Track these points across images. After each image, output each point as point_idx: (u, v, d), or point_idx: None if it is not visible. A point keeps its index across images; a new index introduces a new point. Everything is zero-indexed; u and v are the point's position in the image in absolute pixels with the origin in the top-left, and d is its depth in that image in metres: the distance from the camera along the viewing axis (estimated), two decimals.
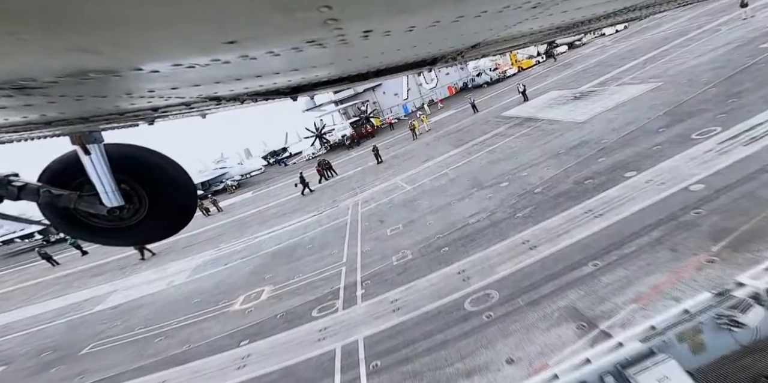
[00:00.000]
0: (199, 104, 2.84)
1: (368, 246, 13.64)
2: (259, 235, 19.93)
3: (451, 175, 18.15)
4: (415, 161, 24.09)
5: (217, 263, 17.51)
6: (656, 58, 24.37)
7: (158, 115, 2.86)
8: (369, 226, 15.67)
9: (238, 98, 3.04)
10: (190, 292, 15.02)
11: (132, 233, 3.71)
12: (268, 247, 17.51)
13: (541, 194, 12.08)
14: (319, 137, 46.37)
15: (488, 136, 22.95)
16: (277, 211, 24.00)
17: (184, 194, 3.91)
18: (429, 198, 16.15)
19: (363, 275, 11.66)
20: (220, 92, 2.39)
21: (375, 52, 2.15)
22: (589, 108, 19.55)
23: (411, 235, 13.16)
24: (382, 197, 18.78)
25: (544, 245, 9.16)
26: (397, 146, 32.13)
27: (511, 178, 14.63)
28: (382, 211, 16.84)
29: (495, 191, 13.97)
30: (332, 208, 20.22)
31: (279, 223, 20.90)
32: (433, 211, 14.55)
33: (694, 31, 27.87)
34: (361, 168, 28.55)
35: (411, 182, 19.44)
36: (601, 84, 23.99)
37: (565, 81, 30.33)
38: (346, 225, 16.74)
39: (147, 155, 3.70)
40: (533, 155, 16.25)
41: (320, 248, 15.23)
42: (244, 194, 35.75)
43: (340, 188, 24.17)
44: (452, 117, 36.23)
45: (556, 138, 17.18)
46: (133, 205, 3.51)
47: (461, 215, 13.04)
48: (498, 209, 12.39)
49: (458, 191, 15.56)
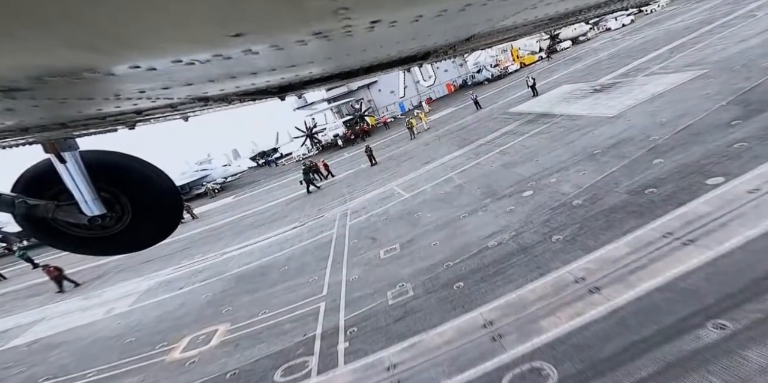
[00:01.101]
0: (185, 106, 2.72)
1: (356, 273, 10.65)
2: (229, 250, 16.87)
3: (457, 180, 15.18)
4: (413, 163, 21.11)
5: (172, 287, 14.44)
6: (685, 47, 21.63)
7: (141, 118, 2.77)
8: (358, 244, 12.67)
9: (227, 98, 2.95)
10: (126, 327, 11.96)
11: (117, 242, 3.61)
12: (236, 267, 14.47)
13: (583, 208, 9.12)
14: (309, 137, 43.27)
15: (497, 134, 20.01)
16: (256, 220, 20.89)
17: (168, 199, 3.83)
18: (432, 210, 13.17)
19: (348, 317, 8.68)
20: (210, 92, 2.35)
21: (374, 45, 2.11)
22: (618, 101, 16.71)
23: (411, 260, 10.18)
24: (376, 207, 15.78)
25: (612, 287, 6.20)
26: (393, 146, 29.14)
27: (536, 185, 11.67)
28: (375, 225, 13.84)
29: (517, 203, 11.01)
30: (316, 219, 17.19)
31: (255, 235, 17.84)
32: (438, 227, 11.56)
33: (721, 19, 25.27)
34: (353, 171, 25.53)
35: (409, 189, 16.45)
36: (623, 75, 21.20)
37: (577, 74, 27.55)
38: (331, 242, 13.72)
39: (127, 162, 3.63)
40: (558, 156, 13.31)
41: (297, 272, 12.21)
42: (225, 199, 32.57)
43: (328, 194, 21.14)
44: (453, 114, 33.29)
45: (583, 136, 14.25)
46: (115, 213, 3.46)
47: (476, 235, 10.07)
48: (525, 227, 9.43)
49: (468, 202, 12.58)
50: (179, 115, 3.46)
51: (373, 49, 2.23)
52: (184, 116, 3.71)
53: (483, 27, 2.55)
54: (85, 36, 0.88)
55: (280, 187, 29.58)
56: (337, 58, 2.28)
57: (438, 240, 10.68)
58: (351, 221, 15.13)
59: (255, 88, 2.64)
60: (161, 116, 3.04)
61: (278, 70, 2.13)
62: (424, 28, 1.83)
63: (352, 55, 2.25)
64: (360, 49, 2.09)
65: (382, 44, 2.15)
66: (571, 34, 47.97)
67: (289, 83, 3.00)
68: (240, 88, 2.48)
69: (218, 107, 3.51)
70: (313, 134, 42.80)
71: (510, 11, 2.13)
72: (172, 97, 2.14)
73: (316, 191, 23.02)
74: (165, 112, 2.82)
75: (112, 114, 2.17)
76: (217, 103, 3.06)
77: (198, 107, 3.08)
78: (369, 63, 3.04)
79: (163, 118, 3.35)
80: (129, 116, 2.48)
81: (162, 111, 2.71)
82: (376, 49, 2.27)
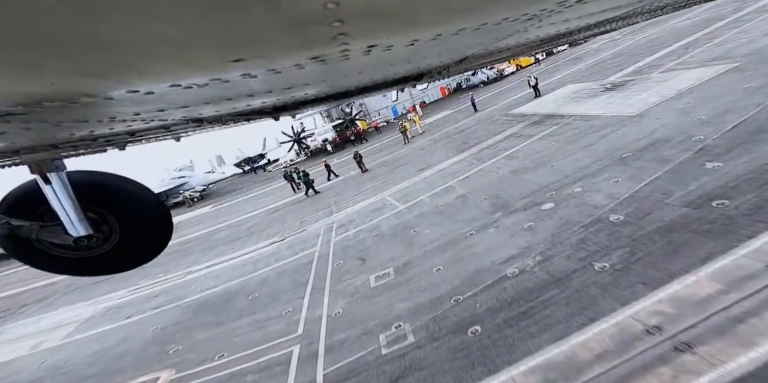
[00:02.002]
0: (178, 127, 2.69)
1: (340, 305, 8.58)
2: (195, 269, 14.67)
3: (459, 190, 13.18)
4: (408, 169, 19.10)
5: (119, 314, 12.24)
6: (700, 42, 19.99)
7: (133, 139, 2.71)
8: (344, 266, 10.59)
9: (221, 119, 2.95)
10: (49, 368, 9.83)
11: (104, 262, 3.56)
12: (199, 291, 12.31)
13: (628, 226, 7.15)
14: (297, 142, 41.10)
15: (501, 137, 18.10)
16: (231, 233, 18.67)
17: (157, 220, 3.80)
18: (431, 225, 11.13)
19: (328, 370, 6.67)
20: (205, 113, 2.35)
21: (370, 68, 2.15)
22: (637, 99, 14.90)
23: (409, 290, 8.14)
24: (365, 220, 13.71)
25: (713, 344, 4.20)
26: (385, 152, 27.14)
27: (556, 196, 9.71)
28: (364, 242, 11.76)
29: (536, 217, 9.03)
30: (298, 233, 15.06)
31: (227, 252, 15.65)
32: (440, 247, 9.53)
33: (732, 15, 23.73)
34: (341, 178, 23.45)
35: (404, 199, 14.42)
36: (635, 73, 19.46)
37: (580, 74, 25.86)
38: (312, 263, 11.62)
39: (114, 181, 3.62)
40: (577, 160, 11.39)
41: (269, 300, 10.10)
42: (203, 209, 30.22)
43: (312, 205, 19.03)
44: (449, 117, 31.43)
45: (603, 138, 12.35)
46: (102, 233, 3.41)
47: (489, 259, 8.06)
48: (554, 250, 7.44)
49: (475, 216, 10.57)
50: (172, 136, 3.40)
51: (369, 71, 2.24)
52: (176, 137, 3.60)
53: (476, 49, 2.54)
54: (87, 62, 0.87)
55: (262, 195, 27.41)
56: (332, 81, 2.26)
57: (441, 265, 8.64)
58: (336, 237, 13.04)
59: (250, 109, 2.64)
60: (154, 136, 2.98)
61: (274, 92, 2.13)
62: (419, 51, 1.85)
63: (348, 77, 2.24)
64: (356, 72, 2.11)
65: (378, 66, 2.16)
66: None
67: (284, 104, 3.00)
68: (235, 109, 2.42)
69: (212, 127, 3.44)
70: (300, 139, 40.62)
71: (502, 34, 2.12)
72: (167, 118, 2.11)
73: (313, 196, 20.95)
74: (158, 133, 2.75)
75: (104, 136, 2.15)
76: (211, 124, 3.03)
77: (191, 128, 2.99)
78: (364, 84, 3.05)
79: (155, 138, 3.27)
80: (121, 138, 2.43)
81: (155, 132, 2.66)
82: (371, 71, 2.27)
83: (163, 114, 1.90)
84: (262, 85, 1.72)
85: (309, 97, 2.93)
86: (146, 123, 2.06)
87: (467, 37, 1.81)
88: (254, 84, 1.61)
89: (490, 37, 2.13)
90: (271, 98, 2.36)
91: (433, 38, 1.55)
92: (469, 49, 2.52)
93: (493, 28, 1.70)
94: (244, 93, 1.87)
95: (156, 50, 0.89)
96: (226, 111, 2.44)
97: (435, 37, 1.55)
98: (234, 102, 2.09)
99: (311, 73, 1.65)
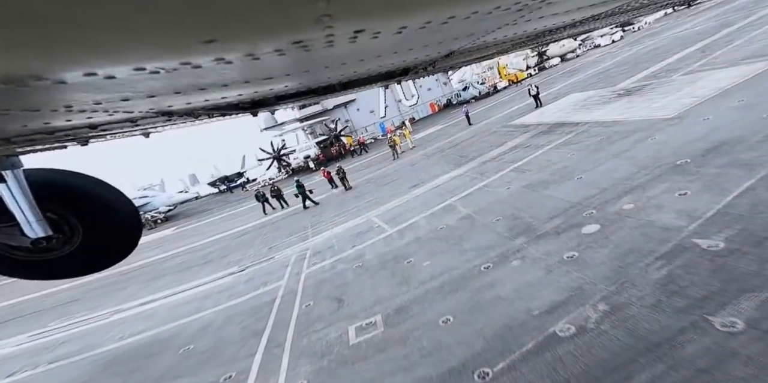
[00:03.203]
0: (146, 120, 2.50)
1: (303, 375, 5.92)
2: (127, 307, 11.72)
3: (462, 209, 10.65)
4: (398, 186, 16.55)
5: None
6: (718, 45, 18.26)
7: (96, 134, 2.51)
8: (314, 310, 7.88)
9: (193, 113, 2.71)
10: None
11: (66, 265, 3.37)
12: (118, 338, 9.49)
13: (743, 257, 4.64)
14: (277, 159, 38.42)
15: (504, 149, 15.77)
16: (185, 261, 15.70)
17: (123, 218, 3.64)
18: (431, 254, 8.54)
19: None
20: (175, 105, 2.16)
21: (354, 59, 2.05)
22: (666, 101, 12.78)
23: (406, 353, 5.50)
24: (346, 247, 11.05)
25: None
26: (373, 168, 24.63)
27: (599, 215, 7.25)
28: (343, 276, 9.08)
29: (579, 245, 6.52)
30: (264, 262, 12.27)
31: (173, 284, 12.71)
32: (445, 286, 6.92)
33: (741, 21, 22.33)
34: (323, 196, 20.77)
35: (394, 222, 11.82)
36: (648, 78, 17.54)
37: (582, 84, 23.99)
38: (274, 303, 8.86)
39: (74, 180, 3.42)
40: (612, 170, 9.01)
41: (205, 358, 7.33)
42: (165, 231, 27.02)
43: (286, 227, 16.27)
44: (442, 132, 29.22)
45: (639, 143, 10.04)
46: (63, 234, 3.23)
47: (522, 307, 5.48)
48: (624, 293, 4.90)
49: (489, 242, 8.02)
50: (139, 130, 3.15)
51: (353, 62, 2.15)
52: (144, 132, 3.32)
53: (464, 42, 2.48)
54: (31, 36, 0.73)
55: (232, 217, 24.56)
56: (315, 72, 2.17)
57: (450, 313, 6.02)
58: (309, 268, 10.32)
59: (225, 102, 2.47)
60: (119, 131, 2.79)
61: (252, 83, 1.97)
62: (407, 41, 1.78)
63: (331, 68, 2.13)
64: (339, 63, 2.00)
65: (363, 57, 2.07)
66: (559, 51, 45.50)
67: (263, 98, 2.88)
68: (209, 101, 2.28)
69: (183, 122, 3.16)
70: (280, 156, 37.92)
71: (492, 26, 2.07)
72: (132, 110, 1.92)
73: (299, 208, 18.13)
74: (123, 127, 2.56)
75: (62, 128, 1.98)
76: (182, 118, 2.79)
77: (161, 122, 2.79)
78: (348, 78, 2.94)
79: (120, 134, 3.05)
80: (82, 131, 2.24)
81: (120, 126, 2.47)
82: (356, 63, 2.20)
83: (128, 104, 1.69)
84: (238, 73, 1.56)
85: (290, 90, 2.73)
86: (109, 115, 1.84)
87: (456, 27, 1.74)
88: (230, 72, 1.45)
89: (479, 29, 2.05)
90: (249, 89, 2.16)
91: (422, 26, 1.48)
92: (457, 42, 2.37)
93: (484, 17, 1.65)
94: (219, 83, 1.69)
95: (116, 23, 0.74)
96: (199, 103, 2.24)
97: (424, 26, 1.48)
98: (207, 93, 1.89)
99: (292, 61, 1.54)
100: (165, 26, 0.83)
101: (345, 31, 1.24)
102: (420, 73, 4.24)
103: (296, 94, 3.08)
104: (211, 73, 1.40)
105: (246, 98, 2.58)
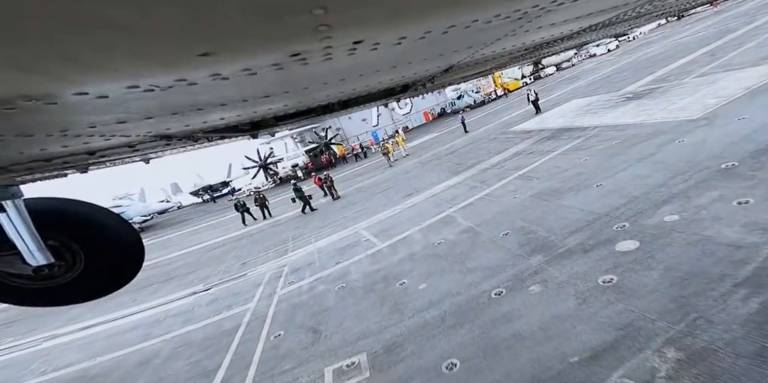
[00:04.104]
0: (145, 145, 2.43)
1: None
2: (64, 332, 10.10)
3: (462, 221, 9.27)
4: (390, 196, 15.14)
5: None
6: (728, 48, 17.37)
7: (95, 160, 2.45)
8: (284, 343, 6.41)
9: (192, 137, 2.65)
10: None
11: (67, 292, 3.35)
12: (39, 373, 7.97)
13: None
14: (264, 168, 36.87)
15: (506, 155, 14.48)
16: (146, 277, 13.84)
17: (125, 243, 3.63)
18: (428, 274, 7.12)
19: None
20: (173, 128, 2.09)
21: (353, 74, 1.99)
22: (685, 102, 11.63)
23: None
24: (329, 263, 9.57)
25: None
26: (365, 176, 23.21)
27: (636, 229, 5.92)
28: (323, 300, 7.61)
29: (615, 265, 5.17)
30: (234, 279, 10.71)
31: (124, 305, 11.00)
32: (447, 316, 5.50)
33: (745, 27, 21.57)
34: (313, 205, 19.24)
35: (385, 234, 10.39)
36: (657, 82, 16.46)
37: (582, 90, 22.96)
38: (236, 333, 7.34)
39: (75, 207, 3.44)
40: (642, 177, 7.73)
41: None
42: None
43: (266, 239, 14.70)
44: (437, 139, 27.98)
45: (666, 146, 8.80)
46: (65, 262, 3.20)
47: (553, 350, 4.08)
48: (700, 334, 3.48)
49: (498, 261, 6.64)
50: (139, 156, 3.10)
51: (353, 78, 2.10)
52: (144, 158, 3.32)
53: (463, 55, 2.42)
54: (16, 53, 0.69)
55: (210, 228, 22.91)
56: (313, 88, 2.07)
57: (457, 356, 4.60)
58: (284, 289, 8.81)
59: (224, 124, 2.40)
60: (118, 157, 2.71)
61: (250, 102, 1.91)
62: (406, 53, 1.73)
63: (330, 84, 2.06)
64: (338, 78, 1.95)
65: (362, 72, 1.99)
66: (555, 60, 44.83)
67: (262, 118, 2.83)
68: (207, 123, 2.21)
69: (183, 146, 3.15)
70: (267, 165, 36.37)
71: (491, 37, 2.03)
72: (130, 134, 1.86)
73: (291, 213, 16.57)
74: (122, 152, 2.49)
75: (59, 155, 1.90)
76: (181, 141, 2.72)
77: (160, 147, 2.74)
78: (347, 95, 2.84)
79: (120, 160, 3.00)
80: (80, 158, 2.18)
81: (118, 151, 2.39)
82: (355, 78, 2.13)
83: (125, 127, 1.64)
84: (235, 90, 1.52)
85: (289, 109, 2.66)
86: (106, 139, 1.78)
87: (456, 38, 1.72)
88: (227, 89, 1.41)
89: (478, 40, 2.02)
90: (247, 109, 2.12)
91: (421, 36, 1.45)
92: (456, 55, 2.32)
93: (484, 26, 1.62)
94: (216, 101, 1.65)
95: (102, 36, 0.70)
96: (198, 126, 2.19)
97: (424, 36, 1.45)
98: (205, 113, 1.84)
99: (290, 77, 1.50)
100: (157, 39, 0.79)
101: (344, 42, 1.20)
102: (419, 89, 4.01)
103: (295, 114, 3.00)
104: (207, 90, 1.35)
105: (245, 118, 2.50)
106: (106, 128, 1.57)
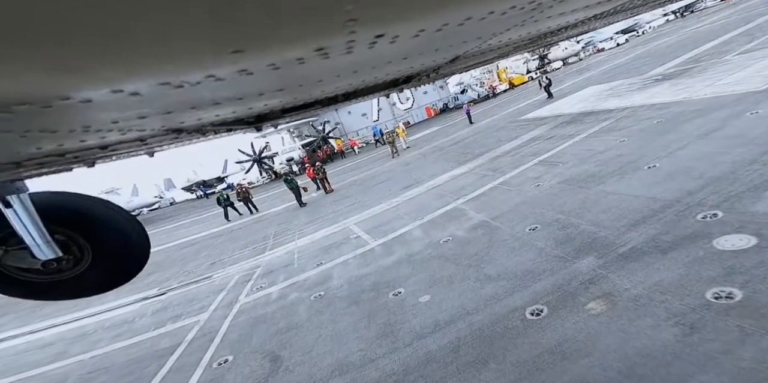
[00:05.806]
0: (155, 138, 2.34)
1: None
2: None
3: (474, 214, 7.45)
4: (388, 187, 13.28)
5: None
6: (764, 29, 15.50)
7: (104, 154, 2.35)
8: (228, 376, 4.60)
9: (202, 130, 2.61)
10: None
11: (76, 285, 3.27)
12: None
13: None
14: (258, 162, 34.97)
15: (520, 142, 12.66)
16: None
17: (131, 238, 3.52)
18: (431, 282, 5.29)
19: None
20: (187, 122, 2.05)
21: (366, 67, 1.93)
22: (739, 77, 10.01)
23: None
24: (309, 265, 7.74)
25: None
26: (360, 170, 21.31)
27: (734, 218, 4.11)
28: (292, 313, 5.78)
29: (726, 273, 3.32)
30: (195, 282, 8.85)
31: (59, 312, 9.05)
32: (461, 351, 3.66)
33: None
34: (304, 199, 17.40)
35: (378, 231, 8.55)
36: (688, 63, 14.74)
37: (598, 79, 21.14)
38: (171, 356, 5.50)
39: (81, 201, 3.37)
40: (712, 155, 5.97)
41: None
42: None
43: (246, 236, 12.83)
44: (440, 132, 26.10)
45: (732, 120, 7.06)
46: (73, 255, 3.13)
47: None
48: None
49: (529, 265, 4.82)
50: (146, 149, 2.97)
51: (365, 70, 2.06)
52: (150, 151, 3.17)
53: (471, 46, 2.35)
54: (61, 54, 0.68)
55: (192, 223, 21.07)
56: (326, 81, 2.04)
57: None
58: (248, 297, 6.97)
59: (234, 116, 2.38)
60: (126, 151, 2.61)
61: (266, 95, 1.89)
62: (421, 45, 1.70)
63: (342, 76, 2.01)
64: (351, 71, 1.91)
65: (375, 64, 1.95)
66: (562, 54, 42.97)
67: (270, 111, 2.77)
68: (220, 116, 2.18)
69: (190, 139, 3.08)
70: (261, 159, 34.46)
71: (502, 27, 1.98)
72: (145, 128, 1.82)
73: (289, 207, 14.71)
74: (132, 146, 2.41)
75: (73, 150, 1.85)
76: (190, 135, 2.69)
77: (168, 140, 2.66)
78: (354, 87, 2.81)
79: (127, 153, 2.90)
80: (91, 152, 2.09)
81: (129, 145, 2.30)
82: (367, 70, 2.09)
83: (143, 122, 1.62)
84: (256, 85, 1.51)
85: (297, 102, 2.64)
86: (122, 134, 1.77)
87: (469, 29, 1.67)
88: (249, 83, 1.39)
89: (488, 31, 1.96)
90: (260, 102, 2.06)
91: (439, 29, 1.41)
92: (464, 45, 2.23)
93: (498, 18, 1.59)
94: (235, 96, 1.63)
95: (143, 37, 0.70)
96: (210, 119, 2.14)
97: (441, 28, 1.41)
98: (221, 107, 1.81)
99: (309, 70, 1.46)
100: (195, 38, 0.79)
101: (366, 37, 1.18)
102: (423, 80, 3.99)
103: (301, 106, 2.98)
104: (231, 85, 1.33)
105: (254, 111, 2.47)
106: (126, 124, 1.54)
